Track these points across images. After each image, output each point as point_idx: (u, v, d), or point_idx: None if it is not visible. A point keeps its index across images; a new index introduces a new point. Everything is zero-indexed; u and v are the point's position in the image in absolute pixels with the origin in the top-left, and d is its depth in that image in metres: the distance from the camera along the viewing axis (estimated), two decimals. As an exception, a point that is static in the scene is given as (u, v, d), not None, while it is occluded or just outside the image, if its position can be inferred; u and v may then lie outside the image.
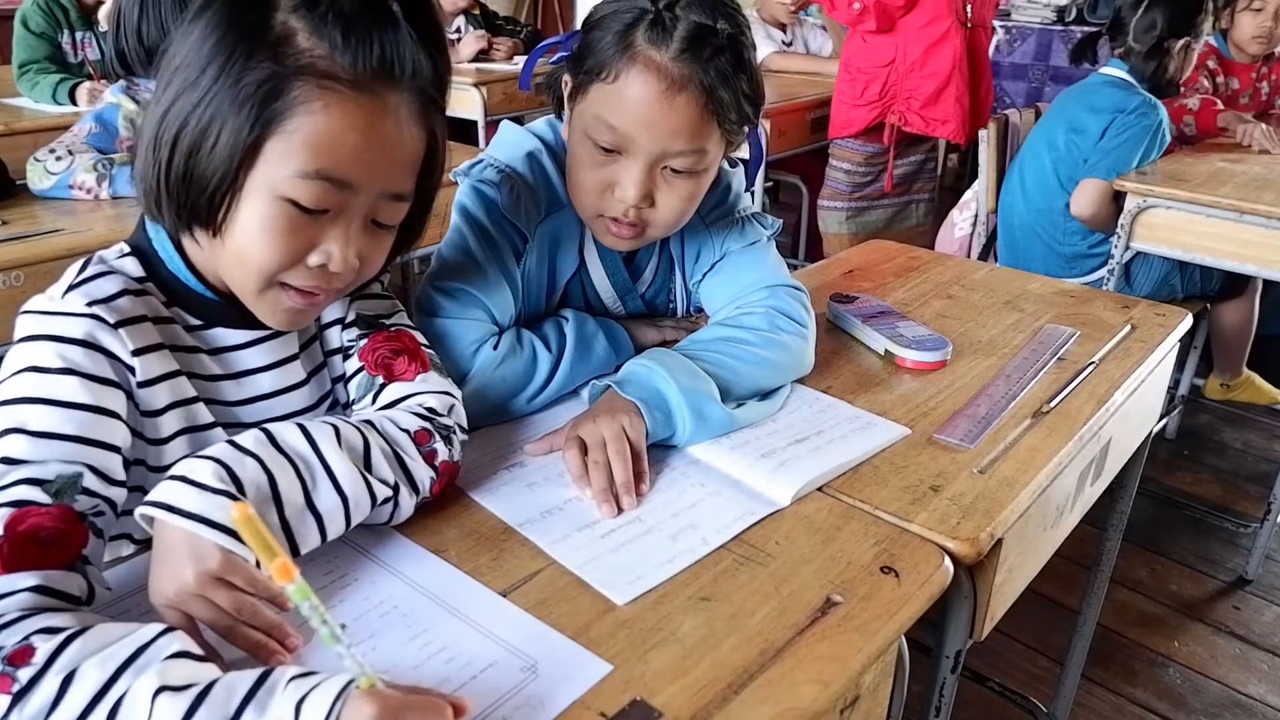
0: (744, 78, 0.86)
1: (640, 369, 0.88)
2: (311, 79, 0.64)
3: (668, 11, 0.83)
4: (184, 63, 0.66)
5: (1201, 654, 1.87)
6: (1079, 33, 4.25)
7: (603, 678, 0.60)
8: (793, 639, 0.64)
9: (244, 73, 0.64)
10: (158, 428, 0.71)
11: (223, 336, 0.76)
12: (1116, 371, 1.05)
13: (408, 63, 0.67)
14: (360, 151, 0.66)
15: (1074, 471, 0.95)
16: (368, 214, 0.70)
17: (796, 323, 0.98)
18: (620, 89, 0.85)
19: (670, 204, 0.90)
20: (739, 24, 0.86)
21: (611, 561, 0.71)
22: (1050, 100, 2.63)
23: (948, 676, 0.83)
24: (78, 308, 0.67)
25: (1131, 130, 2.15)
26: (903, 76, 2.61)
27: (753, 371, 0.93)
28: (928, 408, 0.96)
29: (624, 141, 0.86)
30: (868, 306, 1.16)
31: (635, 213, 0.89)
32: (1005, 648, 1.84)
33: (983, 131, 2.52)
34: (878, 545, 0.74)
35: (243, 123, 0.64)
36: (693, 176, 0.89)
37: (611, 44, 0.85)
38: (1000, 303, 1.26)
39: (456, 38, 3.57)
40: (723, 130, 0.88)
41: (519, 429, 0.91)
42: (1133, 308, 1.25)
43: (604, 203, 0.90)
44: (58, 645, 0.52)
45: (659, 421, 0.84)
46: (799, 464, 0.83)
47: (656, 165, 0.87)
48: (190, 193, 0.67)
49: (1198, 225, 2.01)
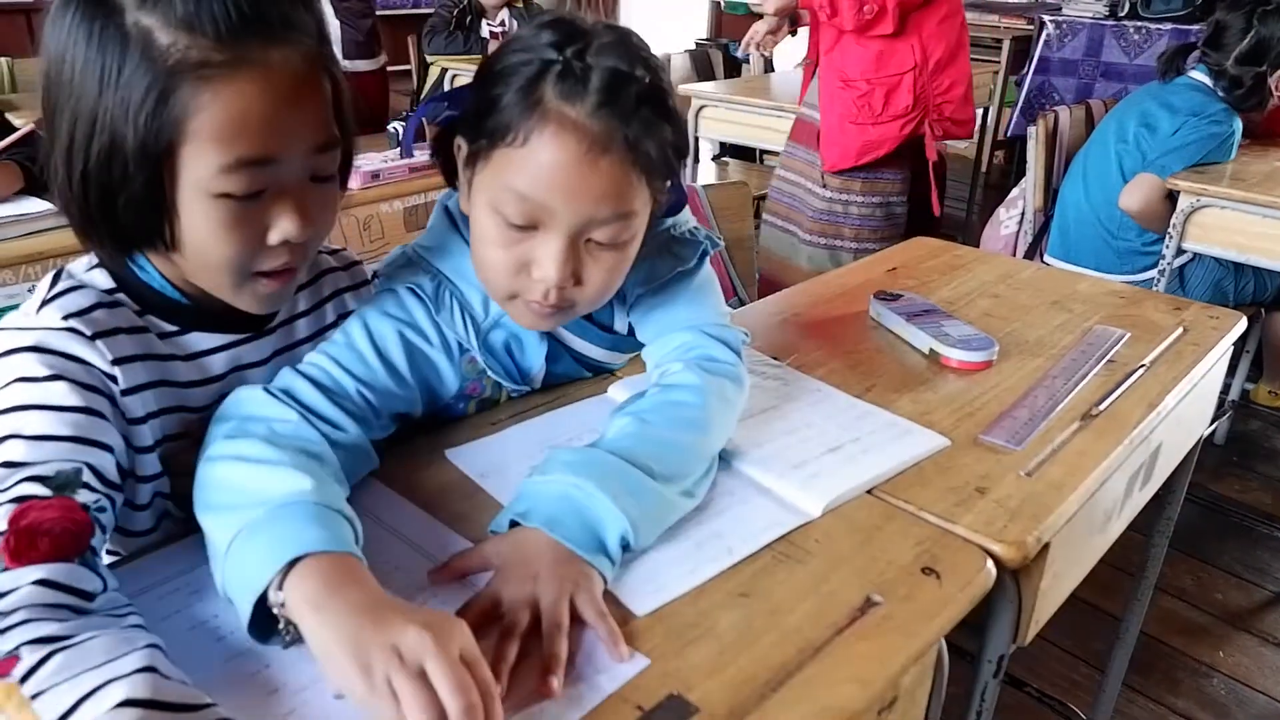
0: (669, 127, 0.75)
1: (573, 492, 0.70)
2: (188, 74, 0.61)
3: (578, 60, 0.71)
4: (61, 88, 0.64)
5: (1247, 665, 1.82)
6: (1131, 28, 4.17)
7: (639, 672, 0.60)
8: (831, 638, 0.64)
9: (126, 89, 0.61)
10: (140, 436, 0.72)
11: (197, 341, 0.77)
12: (1168, 375, 1.03)
13: (271, 12, 0.64)
14: (269, 123, 0.64)
15: (1123, 476, 0.93)
16: (304, 173, 0.69)
17: (727, 379, 0.84)
18: (531, 153, 0.72)
19: (598, 279, 0.78)
20: (656, 66, 0.75)
21: (634, 569, 0.70)
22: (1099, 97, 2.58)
23: (989, 681, 0.82)
24: (54, 322, 0.68)
25: (1200, 134, 2.10)
26: (930, 79, 2.22)
27: (700, 448, 0.79)
28: (973, 408, 0.95)
29: (540, 214, 0.73)
30: (912, 305, 1.14)
31: (558, 293, 0.77)
32: (1044, 653, 1.81)
33: (1031, 129, 2.48)
34: (919, 546, 0.73)
35: (144, 140, 0.62)
36: (621, 247, 0.78)
37: (516, 101, 0.72)
38: (1048, 302, 1.23)
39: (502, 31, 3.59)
40: (650, 188, 0.77)
41: (536, 432, 0.89)
42: (1184, 310, 1.22)
43: (519, 283, 0.77)
44: (38, 661, 0.51)
45: (611, 566, 0.68)
46: (832, 475, 0.81)
47: (579, 238, 0.75)
48: (122, 220, 0.66)
49: (1254, 226, 1.96)
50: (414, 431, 0.87)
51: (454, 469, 0.83)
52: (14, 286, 1.50)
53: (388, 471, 0.81)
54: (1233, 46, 2.14)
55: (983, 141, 4.06)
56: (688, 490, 0.76)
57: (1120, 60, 4.22)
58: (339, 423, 0.75)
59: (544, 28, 0.73)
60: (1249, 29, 2.11)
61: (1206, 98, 2.17)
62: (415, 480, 0.81)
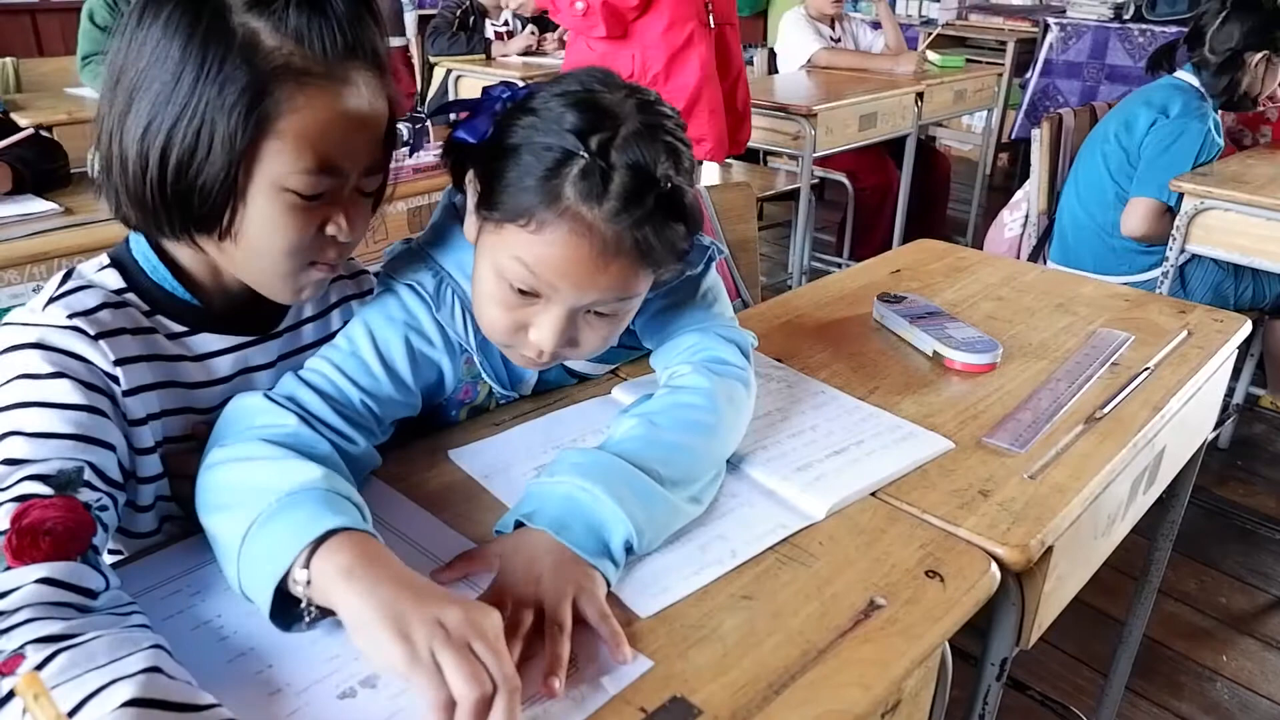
0: (682, 227, 0.74)
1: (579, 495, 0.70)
2: (290, 78, 0.66)
3: (601, 160, 0.69)
4: (148, 72, 0.66)
5: (1251, 669, 1.82)
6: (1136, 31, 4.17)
7: (643, 674, 0.60)
8: (835, 641, 0.63)
9: (224, 81, 0.65)
10: (141, 437, 0.72)
11: (205, 343, 0.77)
12: (1172, 378, 1.03)
13: (365, 41, 0.69)
14: (346, 135, 0.70)
15: (1127, 479, 0.92)
16: (355, 187, 0.73)
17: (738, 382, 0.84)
18: (543, 241, 0.71)
19: (593, 342, 0.79)
20: (679, 157, 0.73)
21: (638, 571, 0.70)
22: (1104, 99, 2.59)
23: (992, 684, 0.81)
24: (59, 320, 0.69)
25: (1176, 144, 2.13)
26: None
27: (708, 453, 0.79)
28: (976, 411, 0.94)
29: (544, 289, 0.73)
30: (916, 307, 1.14)
31: (551, 356, 0.78)
32: (1047, 656, 1.81)
33: (1035, 131, 2.48)
34: (923, 549, 0.73)
35: (234, 130, 0.65)
36: (620, 316, 0.79)
37: (534, 189, 0.70)
38: (1052, 305, 1.23)
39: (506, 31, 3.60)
40: (656, 274, 0.78)
41: (539, 433, 0.90)
42: (1189, 313, 1.22)
43: (516, 340, 0.78)
44: (40, 661, 0.51)
45: (615, 569, 0.69)
46: (836, 477, 0.81)
47: (577, 313, 0.76)
48: (191, 204, 0.68)
49: (1257, 228, 1.95)
50: (416, 433, 0.88)
51: (457, 469, 0.83)
52: (17, 286, 1.50)
53: (390, 471, 0.81)
54: (1208, 33, 2.17)
55: (987, 144, 4.05)
56: (694, 496, 0.76)
57: (1125, 63, 4.22)
58: (345, 432, 0.76)
59: (570, 107, 0.71)
60: (1222, 12, 2.16)
61: (1182, 96, 2.20)
62: (418, 480, 0.81)
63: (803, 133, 2.78)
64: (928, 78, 3.32)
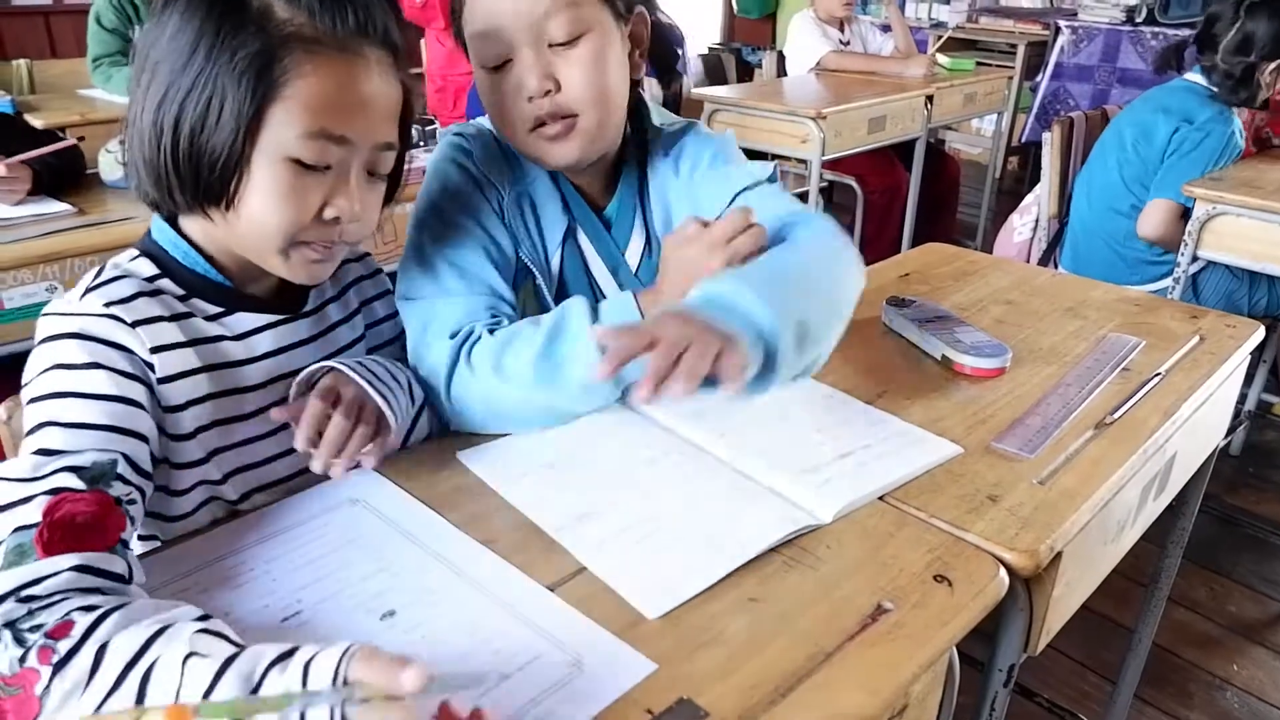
0: None
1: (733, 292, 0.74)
2: (299, 45, 0.68)
3: None
4: (168, 50, 0.69)
5: (1261, 678, 1.81)
6: (1149, 34, 4.15)
7: (648, 675, 0.60)
8: (842, 644, 0.63)
9: (235, 49, 0.67)
10: (178, 423, 0.74)
11: (242, 321, 0.79)
12: (1184, 384, 1.02)
13: (377, 21, 0.73)
14: (353, 106, 0.71)
15: (1137, 485, 0.92)
16: (364, 166, 0.74)
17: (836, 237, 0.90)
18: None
19: (576, 75, 0.87)
20: None
21: (644, 572, 0.70)
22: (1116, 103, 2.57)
23: (999, 690, 0.81)
24: (96, 308, 0.70)
25: (1198, 148, 2.10)
26: None
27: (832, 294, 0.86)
28: (985, 415, 0.94)
29: (499, 43, 0.85)
30: (924, 310, 1.14)
31: (549, 101, 0.87)
32: (1055, 663, 1.80)
33: (1046, 134, 2.47)
34: (931, 553, 0.73)
35: (243, 95, 0.67)
36: (583, 42, 0.86)
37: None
38: (1062, 310, 1.23)
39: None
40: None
41: (548, 436, 0.89)
42: (1201, 318, 1.21)
43: (521, 110, 0.88)
44: (94, 620, 0.53)
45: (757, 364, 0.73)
46: (843, 481, 0.81)
47: (540, 46, 0.85)
48: (200, 171, 0.70)
49: (1269, 234, 1.94)
50: (425, 433, 0.88)
51: (466, 471, 0.83)
52: (32, 285, 1.51)
53: (400, 471, 0.81)
54: (1222, 39, 2.14)
55: (997, 147, 4.04)
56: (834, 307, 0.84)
57: (1137, 66, 4.20)
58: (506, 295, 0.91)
59: None
60: (1237, 20, 2.12)
61: (1201, 101, 2.17)
62: (427, 481, 0.81)
63: (811, 136, 2.78)
64: (937, 81, 3.31)
